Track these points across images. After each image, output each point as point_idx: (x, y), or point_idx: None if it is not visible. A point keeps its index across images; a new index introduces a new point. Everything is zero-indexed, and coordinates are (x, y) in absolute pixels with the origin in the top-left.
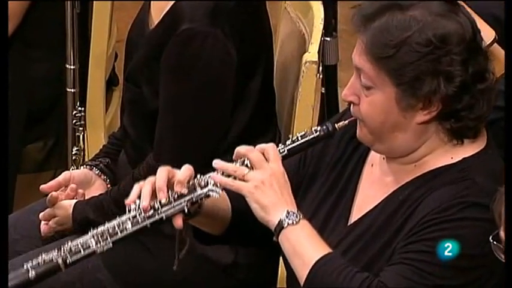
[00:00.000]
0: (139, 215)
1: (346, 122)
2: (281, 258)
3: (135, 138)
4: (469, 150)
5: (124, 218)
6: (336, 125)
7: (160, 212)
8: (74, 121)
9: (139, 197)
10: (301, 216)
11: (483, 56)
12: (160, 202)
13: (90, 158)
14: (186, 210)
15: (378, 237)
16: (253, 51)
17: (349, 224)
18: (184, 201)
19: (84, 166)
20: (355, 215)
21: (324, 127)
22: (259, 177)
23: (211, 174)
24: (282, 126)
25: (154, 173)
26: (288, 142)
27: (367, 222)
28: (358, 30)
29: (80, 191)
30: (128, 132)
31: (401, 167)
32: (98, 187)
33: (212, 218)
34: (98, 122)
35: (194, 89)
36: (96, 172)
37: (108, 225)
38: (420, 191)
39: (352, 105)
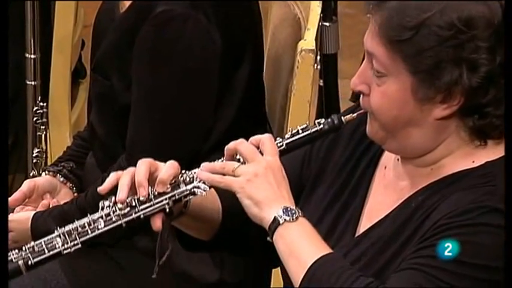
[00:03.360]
0: (113, 212)
1: (355, 115)
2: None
3: (104, 137)
4: (493, 153)
5: (96, 216)
6: (342, 118)
7: (138, 210)
8: (35, 118)
9: (113, 193)
10: (299, 213)
11: None
12: (138, 199)
13: (52, 162)
14: (167, 210)
15: (387, 249)
16: (240, 37)
17: (357, 234)
18: (166, 199)
19: (46, 172)
20: (364, 224)
21: (329, 120)
22: (251, 170)
23: (197, 170)
24: (275, 124)
25: None
26: (287, 135)
27: (376, 234)
28: (370, 10)
29: (47, 200)
30: (96, 131)
31: (417, 170)
32: (63, 196)
33: (199, 220)
34: (62, 119)
35: (172, 81)
36: (61, 179)
37: (77, 223)
38: (435, 197)
39: (361, 96)
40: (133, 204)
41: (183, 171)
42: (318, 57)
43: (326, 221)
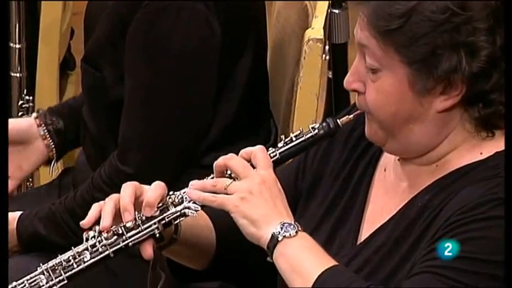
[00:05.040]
0: (99, 243)
1: (351, 116)
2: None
3: (95, 133)
4: (502, 143)
5: (81, 248)
6: (338, 120)
7: (126, 238)
8: (21, 113)
9: (98, 223)
10: (299, 228)
11: None
12: (125, 226)
13: (48, 108)
14: (157, 235)
15: (394, 253)
16: (241, 25)
17: (358, 242)
18: (155, 223)
19: (37, 115)
20: (365, 231)
21: (324, 124)
22: (245, 187)
23: (186, 189)
24: (280, 120)
25: (118, 177)
26: (280, 144)
27: (380, 239)
28: (359, 1)
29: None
30: (87, 126)
31: (420, 169)
32: (35, 150)
33: (192, 247)
34: None
35: (167, 72)
36: (42, 132)
37: (61, 257)
38: (443, 195)
39: (357, 95)
40: (120, 231)
41: (171, 193)
42: (327, 47)
43: (324, 230)
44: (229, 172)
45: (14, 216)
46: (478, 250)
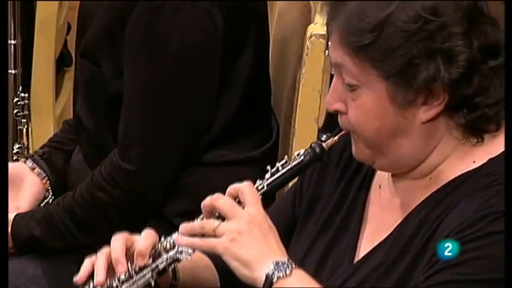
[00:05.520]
0: None
1: (336, 138)
2: None
3: (93, 130)
4: (494, 148)
5: None
6: (323, 144)
7: None
8: (16, 111)
9: (92, 277)
10: (293, 266)
11: (491, 24)
12: (119, 279)
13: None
14: (152, 284)
15: (391, 272)
16: (243, 18)
17: (356, 260)
18: (148, 272)
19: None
20: (363, 249)
21: (309, 150)
22: (233, 228)
23: (175, 235)
24: (281, 117)
25: (119, 174)
26: (267, 176)
27: (379, 257)
28: (329, 19)
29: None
30: (84, 124)
31: (414, 183)
32: (29, 185)
33: None
34: (45, 111)
35: (168, 69)
36: (30, 164)
37: None
38: (439, 208)
39: (339, 116)
40: (114, 285)
41: (162, 238)
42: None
43: (318, 247)
44: (215, 212)
45: (9, 218)
46: (478, 271)
